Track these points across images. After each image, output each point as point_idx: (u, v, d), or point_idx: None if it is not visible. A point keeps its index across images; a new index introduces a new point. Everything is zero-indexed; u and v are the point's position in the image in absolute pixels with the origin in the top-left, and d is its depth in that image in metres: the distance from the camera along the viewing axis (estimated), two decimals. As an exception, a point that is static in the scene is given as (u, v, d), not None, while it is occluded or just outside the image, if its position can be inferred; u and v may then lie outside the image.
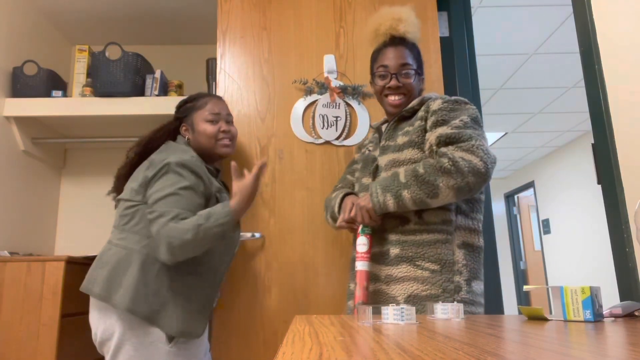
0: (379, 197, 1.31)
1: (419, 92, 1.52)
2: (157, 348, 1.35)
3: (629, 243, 1.43)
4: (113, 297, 1.34)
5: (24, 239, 2.31)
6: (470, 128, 1.30)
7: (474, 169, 1.22)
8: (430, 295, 1.27)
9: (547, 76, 4.23)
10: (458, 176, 1.22)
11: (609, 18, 1.51)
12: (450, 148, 1.26)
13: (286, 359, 0.45)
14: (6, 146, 2.21)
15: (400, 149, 1.39)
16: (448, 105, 1.36)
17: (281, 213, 1.87)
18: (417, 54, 1.51)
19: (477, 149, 1.24)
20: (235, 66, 2.01)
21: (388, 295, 1.32)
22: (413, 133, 1.38)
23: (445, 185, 1.23)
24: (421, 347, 0.51)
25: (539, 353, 0.46)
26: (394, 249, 1.34)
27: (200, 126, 1.59)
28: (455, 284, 1.28)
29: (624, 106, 1.44)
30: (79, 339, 1.83)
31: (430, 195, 1.25)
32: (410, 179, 1.27)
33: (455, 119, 1.32)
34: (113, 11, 2.52)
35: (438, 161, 1.25)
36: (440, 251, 1.30)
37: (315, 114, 1.94)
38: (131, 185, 1.48)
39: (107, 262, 1.39)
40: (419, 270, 1.29)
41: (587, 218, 5.77)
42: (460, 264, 1.31)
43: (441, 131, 1.30)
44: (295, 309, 1.78)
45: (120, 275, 1.36)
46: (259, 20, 2.04)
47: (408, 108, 1.45)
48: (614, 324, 0.80)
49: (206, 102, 1.63)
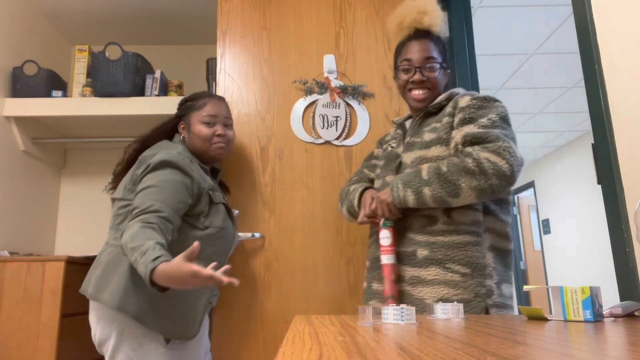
0: (399, 191, 1.29)
1: (444, 86, 1.47)
2: (155, 348, 1.35)
3: (629, 243, 1.43)
4: (102, 295, 1.33)
5: (24, 239, 2.31)
6: (499, 127, 1.26)
7: (498, 171, 1.19)
8: (462, 300, 1.23)
9: (547, 76, 4.23)
10: (481, 178, 1.19)
11: (609, 18, 1.51)
12: (476, 148, 1.23)
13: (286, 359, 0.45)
14: (6, 146, 2.21)
15: (427, 145, 1.35)
16: (476, 102, 1.32)
17: (281, 213, 1.87)
18: (443, 48, 1.46)
19: (503, 150, 1.20)
20: (235, 66, 2.01)
21: (414, 297, 1.28)
22: (441, 130, 1.34)
23: (468, 186, 1.20)
24: (421, 347, 0.51)
25: (539, 353, 0.46)
26: (422, 250, 1.30)
27: (195, 127, 1.57)
28: (487, 288, 1.24)
29: (624, 106, 1.44)
30: (79, 339, 1.83)
31: (452, 194, 1.22)
32: (433, 176, 1.24)
33: (483, 117, 1.28)
34: (113, 11, 2.52)
35: (462, 160, 1.22)
36: (471, 254, 1.26)
37: (315, 114, 1.94)
38: (124, 184, 1.47)
39: (102, 262, 1.39)
40: (449, 274, 1.25)
41: (587, 218, 5.77)
42: (490, 267, 1.27)
43: (468, 130, 1.27)
44: (295, 309, 1.78)
45: (110, 274, 1.35)
46: (259, 20, 2.04)
47: (435, 103, 1.41)
48: (614, 324, 0.80)
49: (205, 103, 1.61)
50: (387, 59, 2.01)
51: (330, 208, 1.87)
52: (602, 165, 1.54)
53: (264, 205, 1.88)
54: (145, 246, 1.18)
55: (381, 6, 2.06)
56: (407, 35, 1.47)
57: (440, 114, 1.40)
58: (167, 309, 1.36)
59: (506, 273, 1.32)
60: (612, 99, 1.49)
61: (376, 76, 2.00)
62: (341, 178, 1.90)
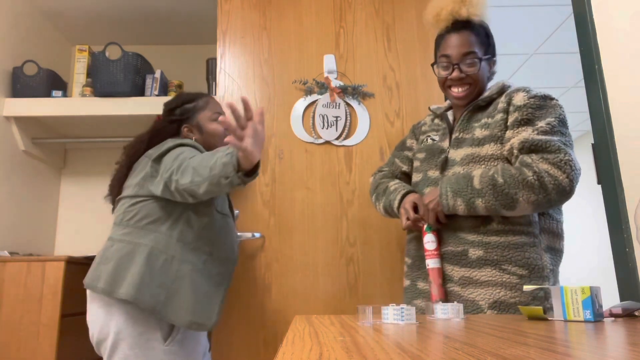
0: (449, 200, 1.24)
1: (489, 77, 1.40)
2: (153, 347, 1.35)
3: (629, 243, 1.43)
4: (118, 290, 1.32)
5: (24, 239, 2.31)
6: (558, 134, 1.19)
7: (559, 186, 1.14)
8: (520, 303, 1.19)
9: (547, 76, 4.23)
10: (541, 192, 1.14)
11: (609, 18, 1.51)
12: (535, 158, 1.16)
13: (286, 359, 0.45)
14: (6, 146, 2.21)
15: (480, 143, 1.28)
16: (534, 101, 1.24)
17: (281, 213, 1.87)
18: (485, 36, 1.37)
19: (565, 164, 1.14)
20: (235, 66, 2.01)
21: (463, 298, 1.24)
22: (494, 127, 1.27)
23: (526, 200, 1.15)
24: (421, 347, 0.51)
25: (539, 353, 0.46)
26: (475, 250, 1.25)
27: (209, 126, 1.57)
28: (546, 291, 1.20)
29: (624, 106, 1.44)
30: (79, 339, 1.83)
31: (507, 207, 1.17)
32: (487, 187, 1.18)
33: (541, 119, 1.21)
34: (113, 11, 2.52)
35: (521, 172, 1.16)
36: (529, 255, 1.22)
37: (315, 114, 1.94)
38: (133, 182, 1.46)
39: (111, 258, 1.38)
40: (506, 275, 1.20)
41: (587, 218, 5.77)
42: (548, 269, 1.23)
43: (526, 135, 1.20)
44: (295, 309, 1.78)
45: (125, 269, 1.35)
46: (259, 20, 2.04)
47: (485, 97, 1.34)
48: (614, 324, 0.80)
49: (207, 102, 1.61)
50: (387, 59, 2.01)
51: (331, 208, 1.87)
52: (602, 165, 1.55)
53: (264, 205, 1.88)
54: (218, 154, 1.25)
55: (381, 6, 2.06)
56: (446, 28, 1.38)
57: (490, 107, 1.33)
58: (184, 299, 1.36)
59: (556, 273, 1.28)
60: (612, 99, 1.49)
61: (376, 76, 2.00)
62: (341, 178, 1.90)
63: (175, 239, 1.40)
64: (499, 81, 1.38)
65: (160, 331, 1.36)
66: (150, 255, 1.37)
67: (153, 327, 1.36)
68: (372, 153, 1.93)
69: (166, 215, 1.42)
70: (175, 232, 1.41)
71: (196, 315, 1.37)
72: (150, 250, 1.37)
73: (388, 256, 1.83)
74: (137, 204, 1.44)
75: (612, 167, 1.49)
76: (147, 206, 1.43)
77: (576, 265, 6.04)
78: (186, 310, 1.36)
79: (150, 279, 1.34)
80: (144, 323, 1.35)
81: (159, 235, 1.40)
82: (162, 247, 1.39)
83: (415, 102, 1.97)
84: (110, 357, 1.35)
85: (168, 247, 1.39)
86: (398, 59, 2.01)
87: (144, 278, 1.33)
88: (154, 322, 1.36)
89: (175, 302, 1.36)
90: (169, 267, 1.37)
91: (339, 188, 1.89)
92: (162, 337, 1.36)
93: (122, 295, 1.31)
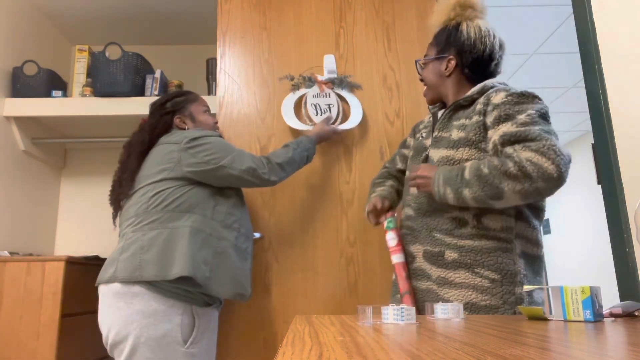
0: (440, 187, 1.24)
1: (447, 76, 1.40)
2: (174, 350, 1.35)
3: (629, 243, 1.43)
4: (171, 272, 1.36)
5: (24, 239, 2.31)
6: (538, 124, 1.16)
7: (544, 173, 1.10)
8: (490, 306, 1.20)
9: (547, 76, 4.23)
10: (526, 181, 1.11)
11: (609, 18, 1.51)
12: (517, 147, 1.14)
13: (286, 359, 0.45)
14: (6, 146, 2.21)
15: (455, 145, 1.29)
16: (512, 98, 1.22)
17: (281, 213, 1.87)
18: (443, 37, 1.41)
19: (548, 149, 1.10)
20: (235, 66, 2.01)
21: (440, 297, 1.26)
22: (470, 130, 1.28)
23: (512, 190, 1.13)
24: (421, 347, 0.51)
25: (539, 353, 0.46)
26: (450, 252, 1.27)
27: (201, 116, 1.68)
28: (517, 296, 1.20)
29: (624, 106, 1.44)
30: (79, 339, 1.83)
31: (494, 197, 1.16)
32: (473, 177, 1.18)
33: (521, 113, 1.19)
34: (113, 11, 2.52)
35: (503, 163, 1.14)
36: (501, 260, 1.22)
37: (307, 104, 1.92)
38: (154, 170, 1.50)
39: (152, 244, 1.40)
40: (478, 279, 1.22)
41: (587, 218, 5.77)
42: (521, 275, 1.22)
43: (505, 129, 1.19)
44: (295, 309, 1.78)
45: (173, 250, 1.39)
46: (259, 20, 2.04)
47: (466, 97, 1.34)
48: (614, 324, 0.80)
49: (196, 96, 1.72)
50: (387, 59, 2.01)
51: (331, 208, 1.87)
52: (602, 165, 1.55)
53: (264, 205, 1.88)
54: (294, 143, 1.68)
55: (381, 6, 2.06)
56: None
57: (470, 108, 1.33)
58: (224, 273, 1.45)
59: (536, 279, 1.28)
60: (612, 99, 1.49)
61: (376, 76, 2.00)
62: (341, 178, 1.90)
63: (210, 218, 1.48)
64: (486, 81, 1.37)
65: (182, 333, 1.37)
66: (191, 234, 1.42)
67: (175, 328, 1.36)
68: (372, 153, 1.93)
69: (199, 197, 1.49)
70: (208, 212, 1.48)
71: (237, 287, 1.47)
72: (190, 230, 1.43)
73: (388, 256, 1.82)
74: (164, 190, 1.47)
75: (612, 167, 1.49)
76: (177, 191, 1.48)
77: (576, 265, 6.04)
78: (229, 283, 1.45)
79: (196, 256, 1.40)
80: (166, 325, 1.35)
81: (194, 216, 1.46)
82: (198, 226, 1.45)
83: (415, 102, 1.97)
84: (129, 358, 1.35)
85: (204, 225, 1.46)
86: (398, 58, 2.01)
87: (193, 255, 1.39)
88: (175, 324, 1.36)
89: (218, 277, 1.43)
90: (209, 244, 1.45)
91: (339, 188, 1.89)
92: (182, 339, 1.37)
93: (178, 274, 1.35)
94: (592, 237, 5.66)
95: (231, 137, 1.94)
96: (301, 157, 1.66)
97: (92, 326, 1.89)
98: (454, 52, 1.39)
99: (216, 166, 1.49)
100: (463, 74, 1.39)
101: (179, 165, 1.49)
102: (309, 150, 1.69)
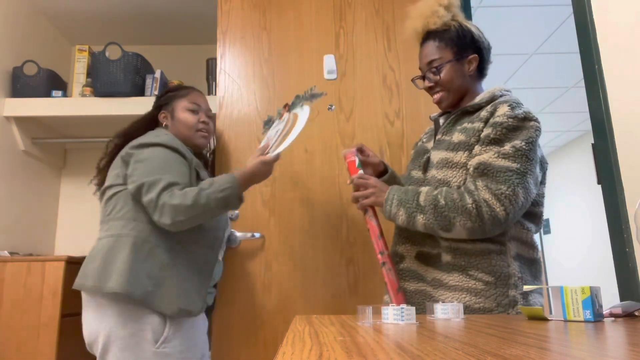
0: (392, 207, 1.27)
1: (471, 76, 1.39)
2: (143, 349, 1.33)
3: (629, 243, 1.43)
4: (107, 285, 1.31)
5: (24, 239, 2.31)
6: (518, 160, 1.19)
7: (494, 218, 1.17)
8: (484, 309, 1.20)
9: (547, 76, 4.23)
10: (477, 220, 1.17)
11: (609, 18, 1.51)
12: (480, 185, 1.19)
13: (286, 359, 0.45)
14: (6, 146, 2.21)
15: (455, 148, 1.29)
16: (512, 122, 1.23)
17: (281, 213, 1.87)
18: (456, 37, 1.37)
19: (505, 198, 1.16)
20: (235, 66, 2.01)
21: (433, 298, 1.27)
22: (471, 134, 1.28)
23: (462, 226, 1.18)
24: (421, 347, 0.51)
25: (539, 353, 0.46)
26: (445, 254, 1.27)
27: (180, 114, 1.58)
28: (511, 298, 1.21)
29: (624, 106, 1.44)
30: (79, 339, 1.82)
31: (443, 228, 1.21)
32: (429, 205, 1.22)
33: (510, 141, 1.21)
34: (113, 11, 2.52)
35: (462, 198, 1.19)
36: (495, 262, 1.23)
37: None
38: (112, 173, 1.48)
39: (96, 255, 1.37)
40: (472, 281, 1.22)
41: (587, 218, 5.77)
42: (516, 277, 1.22)
43: (487, 158, 1.21)
44: (295, 309, 1.78)
45: (112, 263, 1.34)
46: (259, 20, 2.04)
47: (474, 104, 1.35)
48: (614, 324, 0.80)
49: (188, 92, 1.63)
50: (387, 59, 2.01)
51: (331, 208, 1.87)
52: (602, 165, 1.55)
53: (264, 205, 1.88)
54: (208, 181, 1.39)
55: (381, 6, 2.06)
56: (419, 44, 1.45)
57: (476, 114, 1.33)
58: (170, 287, 1.37)
59: (534, 283, 1.28)
60: (612, 99, 1.49)
61: (376, 76, 2.00)
62: (341, 178, 1.90)
63: (158, 227, 1.38)
64: (494, 88, 1.37)
65: (152, 332, 1.35)
66: (135, 245, 1.36)
67: (144, 328, 1.34)
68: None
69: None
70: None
71: (183, 303, 1.38)
72: (134, 240, 1.36)
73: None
74: (115, 195, 1.44)
75: (612, 167, 1.49)
76: (124, 195, 1.42)
77: (576, 265, 6.04)
78: (173, 298, 1.36)
79: (138, 270, 1.33)
80: (134, 324, 1.34)
81: (140, 224, 1.39)
82: (145, 236, 1.38)
83: (415, 102, 1.97)
84: (102, 358, 1.35)
85: (151, 235, 1.38)
86: (398, 59, 2.01)
87: (132, 268, 1.32)
88: (144, 323, 1.34)
89: (163, 291, 1.35)
90: (155, 255, 1.37)
91: (339, 188, 1.89)
92: (153, 338, 1.35)
93: (112, 289, 1.30)
94: (592, 237, 5.66)
95: (231, 137, 1.94)
96: (215, 200, 1.34)
97: (92, 326, 1.89)
98: (472, 52, 1.39)
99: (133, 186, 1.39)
100: (476, 73, 1.40)
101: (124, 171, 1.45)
102: (226, 191, 1.35)
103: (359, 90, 1.98)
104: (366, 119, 1.96)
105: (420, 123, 1.93)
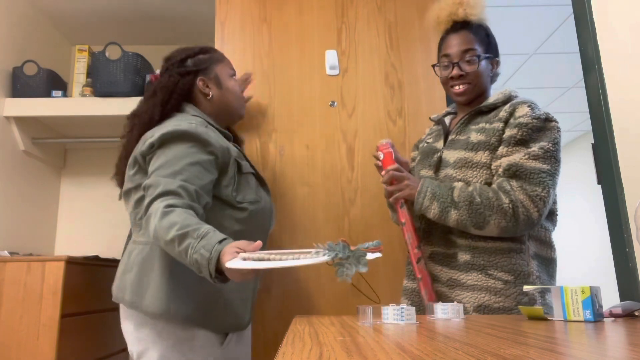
0: (425, 200, 1.26)
1: (491, 78, 1.42)
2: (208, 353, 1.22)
3: (629, 243, 1.43)
4: (143, 303, 1.17)
5: (24, 239, 2.31)
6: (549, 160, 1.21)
7: (528, 219, 1.18)
8: (503, 308, 1.20)
9: (547, 76, 4.23)
10: (511, 220, 1.18)
11: (609, 18, 1.51)
12: (515, 185, 1.19)
13: (286, 359, 0.45)
14: (6, 146, 2.20)
15: (475, 148, 1.28)
16: (536, 123, 1.25)
17: (282, 211, 1.87)
18: (485, 36, 1.40)
19: (540, 200, 1.18)
20: (233, 59, 1.99)
21: (450, 299, 1.26)
22: (491, 134, 1.28)
23: (496, 225, 1.19)
24: (421, 347, 0.51)
25: (539, 353, 0.46)
26: (463, 254, 1.27)
27: (229, 82, 1.39)
28: (530, 297, 1.21)
29: (624, 106, 1.45)
30: (79, 339, 1.83)
31: (476, 225, 1.21)
32: (464, 201, 1.21)
33: (536, 142, 1.23)
34: (113, 11, 2.52)
35: (498, 197, 1.19)
36: (515, 261, 1.23)
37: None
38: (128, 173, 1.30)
39: (134, 264, 1.23)
40: (491, 280, 1.22)
41: (587, 218, 5.77)
42: (534, 276, 1.23)
43: (517, 159, 1.21)
44: (295, 309, 1.78)
45: (147, 276, 1.19)
46: (259, 12, 2.03)
47: (489, 104, 1.35)
48: (614, 324, 0.80)
49: (223, 55, 1.42)
50: (390, 56, 2.01)
51: (332, 206, 1.87)
52: (602, 165, 1.55)
53: (264, 205, 1.87)
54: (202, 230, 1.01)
55: (383, 2, 2.05)
56: (446, 29, 1.42)
57: (491, 114, 1.33)
58: (215, 304, 1.22)
59: (550, 282, 1.29)
60: (612, 99, 1.49)
61: (378, 73, 1.99)
62: (343, 176, 1.90)
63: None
64: (506, 89, 1.39)
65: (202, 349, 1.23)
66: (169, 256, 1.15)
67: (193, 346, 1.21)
68: (374, 151, 1.92)
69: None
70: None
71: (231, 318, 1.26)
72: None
73: (389, 255, 1.82)
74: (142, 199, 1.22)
75: (612, 167, 1.49)
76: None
77: (576, 265, 6.04)
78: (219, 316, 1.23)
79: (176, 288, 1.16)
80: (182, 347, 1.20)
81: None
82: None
83: (417, 101, 1.97)
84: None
85: None
86: (400, 57, 2.01)
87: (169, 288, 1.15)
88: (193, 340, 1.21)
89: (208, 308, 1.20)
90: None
91: (341, 186, 1.89)
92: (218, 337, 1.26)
93: (148, 310, 1.16)
94: (592, 237, 5.66)
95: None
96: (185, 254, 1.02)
97: (92, 326, 1.90)
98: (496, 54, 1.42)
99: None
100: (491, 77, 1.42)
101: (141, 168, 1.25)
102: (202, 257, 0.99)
103: (361, 87, 1.98)
104: (368, 116, 1.95)
105: (422, 122, 1.93)
